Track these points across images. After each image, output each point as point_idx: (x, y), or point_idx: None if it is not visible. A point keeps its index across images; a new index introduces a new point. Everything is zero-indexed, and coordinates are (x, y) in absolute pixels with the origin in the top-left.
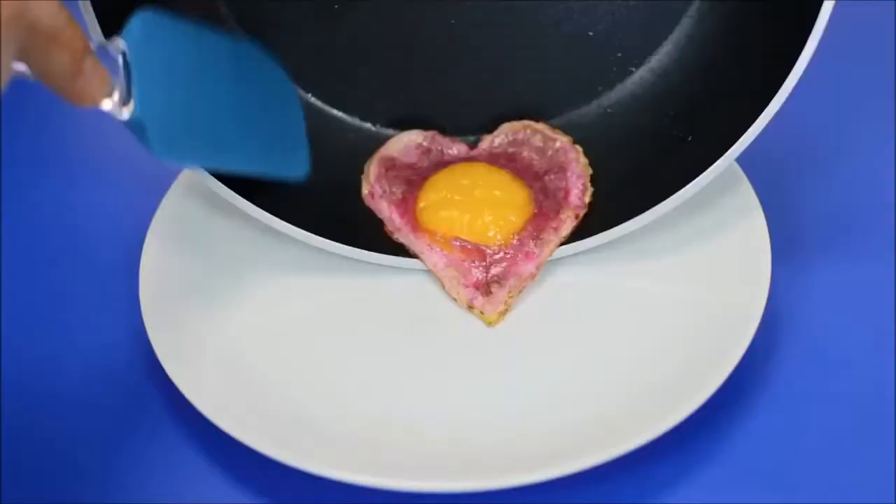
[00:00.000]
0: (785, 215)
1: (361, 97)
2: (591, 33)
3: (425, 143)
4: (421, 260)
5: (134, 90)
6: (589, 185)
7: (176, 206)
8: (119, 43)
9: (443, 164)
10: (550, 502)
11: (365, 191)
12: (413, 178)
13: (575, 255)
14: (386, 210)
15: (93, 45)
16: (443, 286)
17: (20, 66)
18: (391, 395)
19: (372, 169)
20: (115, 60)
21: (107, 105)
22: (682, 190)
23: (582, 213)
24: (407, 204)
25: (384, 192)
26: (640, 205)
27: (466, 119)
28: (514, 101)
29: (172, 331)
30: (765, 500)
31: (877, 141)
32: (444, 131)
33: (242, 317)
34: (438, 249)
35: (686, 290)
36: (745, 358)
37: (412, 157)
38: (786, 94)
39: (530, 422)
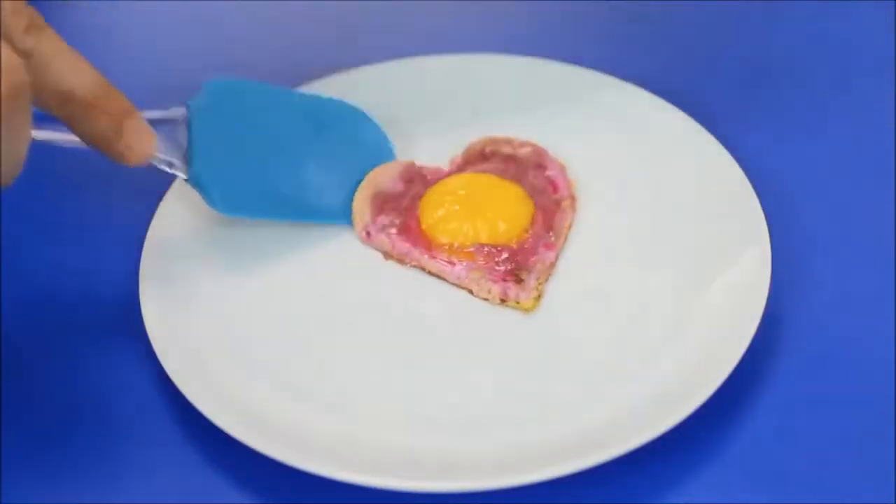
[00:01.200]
0: (785, 215)
1: None
2: None
3: (407, 172)
4: (440, 277)
5: (192, 152)
6: (569, 178)
7: (176, 205)
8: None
9: (427, 184)
10: (550, 502)
11: (359, 230)
12: (405, 206)
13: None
14: (387, 243)
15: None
16: (470, 292)
17: (42, 134)
18: (391, 396)
19: (365, 209)
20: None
21: (158, 164)
22: None
23: (575, 202)
24: (409, 230)
25: (382, 227)
26: None
27: None
28: None
29: (173, 331)
30: (765, 500)
31: (876, 141)
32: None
33: (243, 317)
34: (458, 261)
35: (686, 290)
36: (745, 358)
37: (399, 187)
38: None
39: (530, 422)
